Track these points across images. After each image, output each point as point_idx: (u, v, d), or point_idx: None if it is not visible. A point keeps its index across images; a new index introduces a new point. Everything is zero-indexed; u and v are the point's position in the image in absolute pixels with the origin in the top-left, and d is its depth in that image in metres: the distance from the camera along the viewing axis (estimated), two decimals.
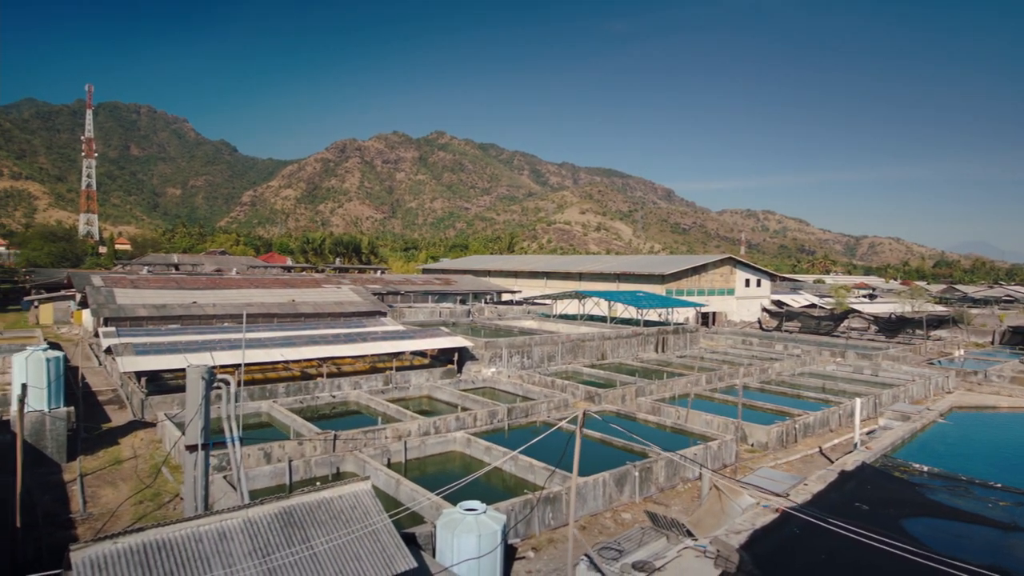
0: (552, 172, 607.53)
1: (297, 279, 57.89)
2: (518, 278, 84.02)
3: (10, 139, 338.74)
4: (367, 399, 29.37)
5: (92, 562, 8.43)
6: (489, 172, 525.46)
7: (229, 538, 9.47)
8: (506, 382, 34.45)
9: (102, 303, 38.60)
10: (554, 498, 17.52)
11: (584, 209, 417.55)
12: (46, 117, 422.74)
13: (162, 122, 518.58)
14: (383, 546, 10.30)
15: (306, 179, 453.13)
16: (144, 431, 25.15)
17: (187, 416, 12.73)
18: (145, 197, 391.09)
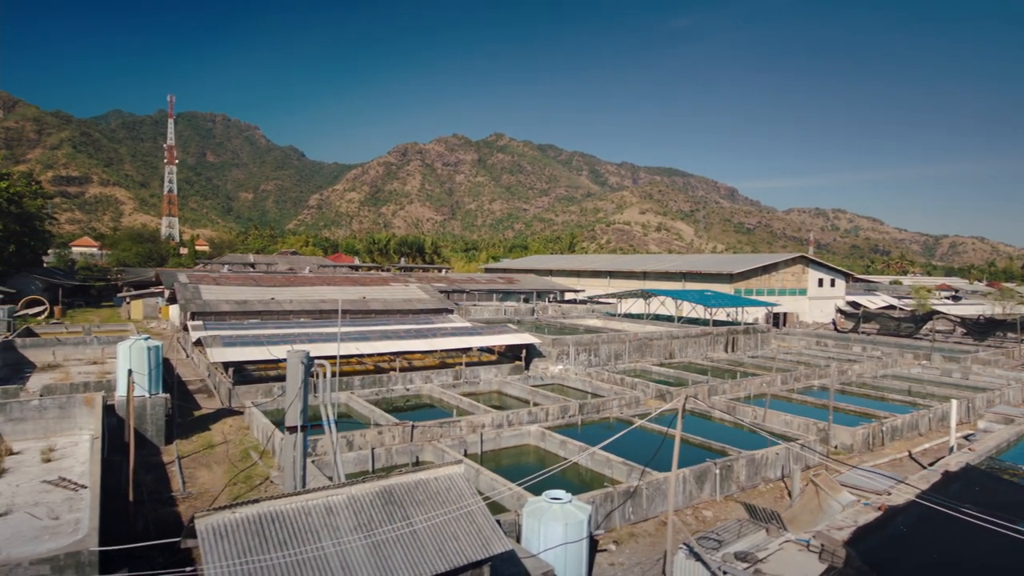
0: (611, 172, 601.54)
1: (365, 277, 59.45)
2: (580, 277, 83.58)
3: (99, 148, 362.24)
4: (439, 393, 29.89)
5: (214, 529, 8.93)
6: (547, 173, 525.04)
7: (335, 513, 9.83)
8: (575, 379, 34.34)
9: (189, 298, 40.73)
10: (634, 492, 17.34)
11: (644, 209, 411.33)
12: (131, 127, 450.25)
13: (235, 129, 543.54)
14: (479, 528, 10.45)
15: (369, 182, 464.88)
16: (232, 419, 26.38)
17: (287, 399, 13.28)
18: (220, 201, 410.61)
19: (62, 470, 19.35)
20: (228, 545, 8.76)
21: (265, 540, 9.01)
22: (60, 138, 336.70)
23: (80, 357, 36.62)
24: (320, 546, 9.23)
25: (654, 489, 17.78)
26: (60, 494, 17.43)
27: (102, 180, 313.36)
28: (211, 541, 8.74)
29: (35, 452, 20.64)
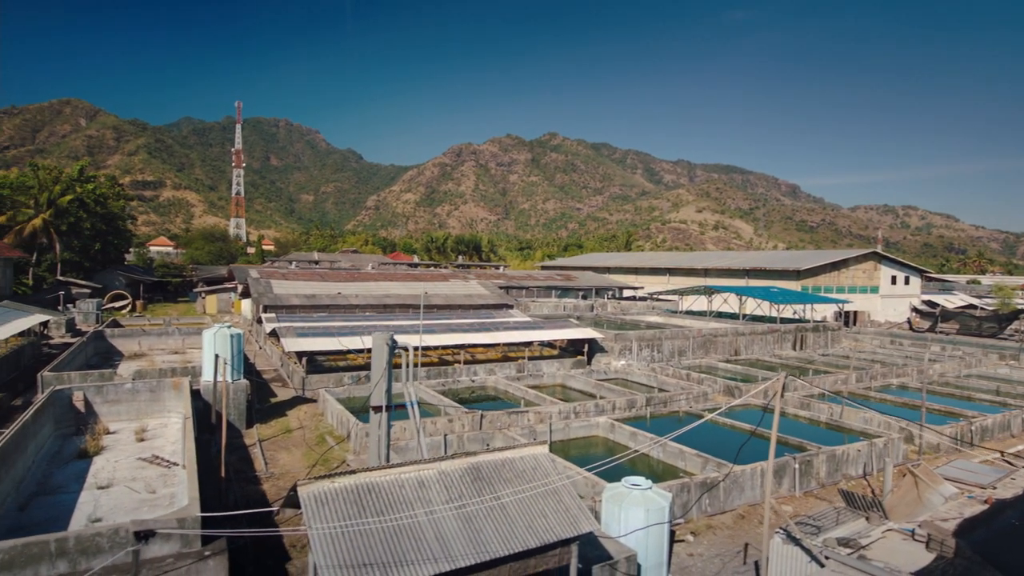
0: (667, 170, 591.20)
1: (426, 274, 60.41)
2: (639, 275, 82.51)
3: (172, 154, 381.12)
4: (504, 384, 30.06)
5: (316, 496, 9.25)
6: (601, 172, 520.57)
7: (427, 486, 10.03)
8: (639, 373, 33.93)
9: (262, 292, 42.33)
10: (711, 484, 17.00)
11: (701, 207, 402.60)
12: (201, 133, 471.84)
13: (297, 134, 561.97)
14: (566, 506, 10.46)
15: (424, 183, 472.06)
16: (306, 405, 27.29)
17: (372, 380, 13.63)
18: (283, 203, 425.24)
19: (154, 449, 20.43)
20: (329, 511, 9.06)
21: (362, 508, 9.27)
22: (137, 144, 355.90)
23: (163, 347, 38.61)
24: (414, 516, 9.43)
25: (732, 481, 17.38)
26: (154, 470, 18.40)
27: (174, 184, 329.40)
28: (314, 507, 9.05)
29: (129, 432, 21.86)
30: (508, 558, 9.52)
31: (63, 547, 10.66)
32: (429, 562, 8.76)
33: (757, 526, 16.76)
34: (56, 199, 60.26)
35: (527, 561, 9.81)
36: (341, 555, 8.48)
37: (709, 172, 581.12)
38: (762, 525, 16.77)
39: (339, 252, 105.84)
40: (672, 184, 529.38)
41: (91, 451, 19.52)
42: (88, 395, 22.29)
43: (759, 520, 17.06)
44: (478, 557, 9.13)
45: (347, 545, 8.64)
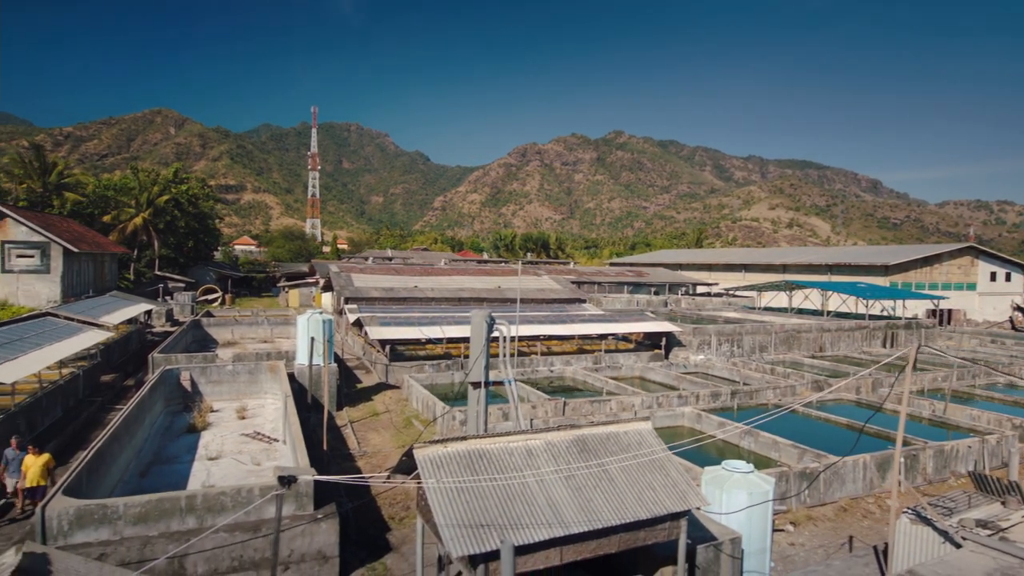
0: (737, 167, 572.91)
1: (497, 269, 60.90)
2: (712, 271, 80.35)
3: (252, 159, 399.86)
4: (583, 375, 29.95)
5: (431, 459, 9.49)
6: (668, 169, 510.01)
7: (535, 456, 10.11)
8: (720, 367, 33.05)
9: (343, 285, 43.81)
10: (811, 474, 16.36)
11: (774, 204, 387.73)
12: (278, 139, 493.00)
13: (367, 137, 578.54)
14: (674, 481, 10.31)
15: (490, 184, 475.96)
16: (391, 391, 28.04)
17: (471, 356, 13.86)
18: (354, 205, 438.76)
19: (255, 426, 21.49)
20: (444, 474, 9.27)
21: (475, 472, 9.44)
22: (220, 151, 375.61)
23: (253, 336, 40.58)
24: (525, 483, 9.52)
25: (832, 473, 16.67)
26: (257, 445, 19.35)
27: (254, 187, 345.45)
28: (430, 469, 9.29)
29: (231, 410, 23.08)
30: (618, 528, 9.48)
31: (192, 504, 11.37)
32: (543, 527, 8.83)
33: (861, 519, 16.02)
34: (154, 199, 64.56)
35: (636, 533, 9.73)
36: (459, 514, 8.67)
37: (782, 168, 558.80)
38: (866, 519, 16.09)
39: (410, 250, 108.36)
40: (743, 181, 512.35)
41: (199, 426, 20.75)
42: (194, 375, 23.69)
43: (863, 514, 16.31)
44: (590, 525, 9.13)
45: (464, 506, 8.82)
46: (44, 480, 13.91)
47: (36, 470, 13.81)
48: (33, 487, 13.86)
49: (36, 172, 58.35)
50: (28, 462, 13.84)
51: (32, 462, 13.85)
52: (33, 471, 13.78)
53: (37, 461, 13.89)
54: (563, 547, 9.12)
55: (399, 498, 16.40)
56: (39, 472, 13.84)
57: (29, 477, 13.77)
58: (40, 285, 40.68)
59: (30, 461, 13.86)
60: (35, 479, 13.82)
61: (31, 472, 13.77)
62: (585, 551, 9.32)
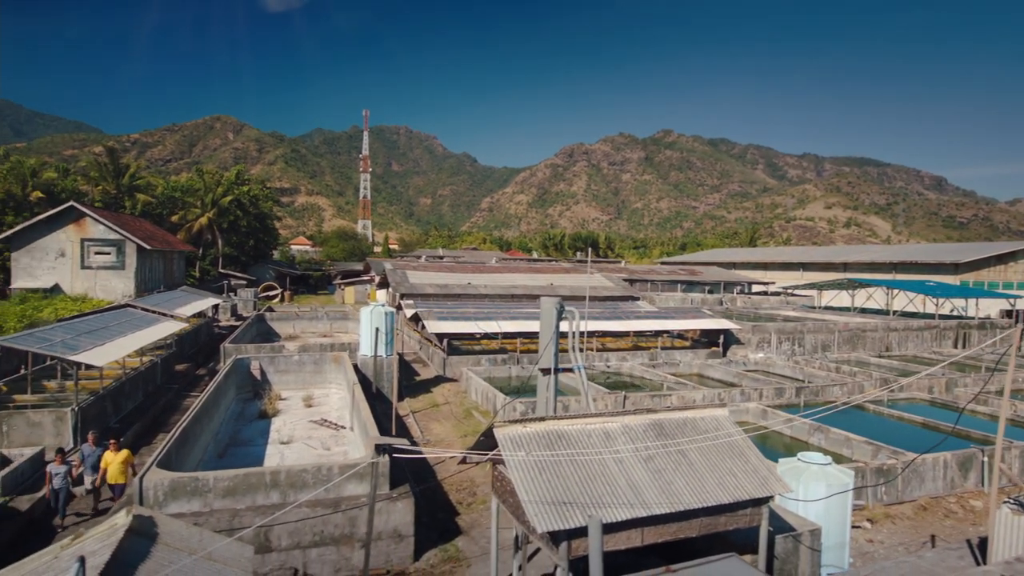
0: (791, 165, 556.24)
1: (547, 267, 60.90)
2: (768, 270, 78.28)
3: (305, 162, 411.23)
4: (641, 371, 29.66)
5: (510, 437, 9.59)
6: (719, 168, 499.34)
7: (613, 438, 10.10)
8: (782, 366, 32.21)
9: (399, 281, 44.60)
10: (888, 472, 15.80)
11: (830, 203, 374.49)
12: (330, 143, 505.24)
13: (416, 140, 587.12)
14: (755, 467, 10.13)
15: (537, 184, 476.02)
16: (449, 384, 28.41)
17: (541, 343, 13.95)
18: (403, 207, 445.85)
19: (321, 414, 22.11)
20: (523, 453, 9.36)
21: (554, 451, 9.50)
22: (275, 155, 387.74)
23: (313, 330, 41.73)
24: (605, 463, 9.53)
25: (911, 471, 16.05)
26: (325, 432, 19.90)
27: (308, 190, 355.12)
28: (509, 447, 9.40)
29: (297, 399, 23.80)
30: (700, 512, 9.38)
31: (276, 479, 11.80)
32: (625, 507, 8.82)
33: (943, 519, 15.37)
34: (218, 200, 67.25)
35: (718, 518, 9.61)
36: (541, 492, 8.74)
37: (839, 165, 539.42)
38: (948, 519, 15.45)
39: (460, 249, 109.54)
40: (797, 179, 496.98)
41: (269, 413, 21.48)
42: (263, 364, 24.53)
43: (944, 513, 15.65)
44: (671, 507, 9.06)
45: (546, 484, 8.89)
46: (124, 477, 13.57)
47: (116, 467, 13.49)
48: (112, 484, 13.64)
49: (110, 174, 61.54)
50: (108, 458, 13.55)
51: (112, 458, 13.54)
52: (113, 468, 13.48)
53: (116, 458, 13.55)
54: (644, 528, 9.08)
55: (465, 484, 16.62)
56: (119, 469, 13.52)
57: (110, 474, 13.49)
58: (116, 280, 42.84)
59: (110, 457, 13.55)
60: (115, 476, 13.50)
61: (112, 469, 13.48)
62: (666, 533, 9.26)
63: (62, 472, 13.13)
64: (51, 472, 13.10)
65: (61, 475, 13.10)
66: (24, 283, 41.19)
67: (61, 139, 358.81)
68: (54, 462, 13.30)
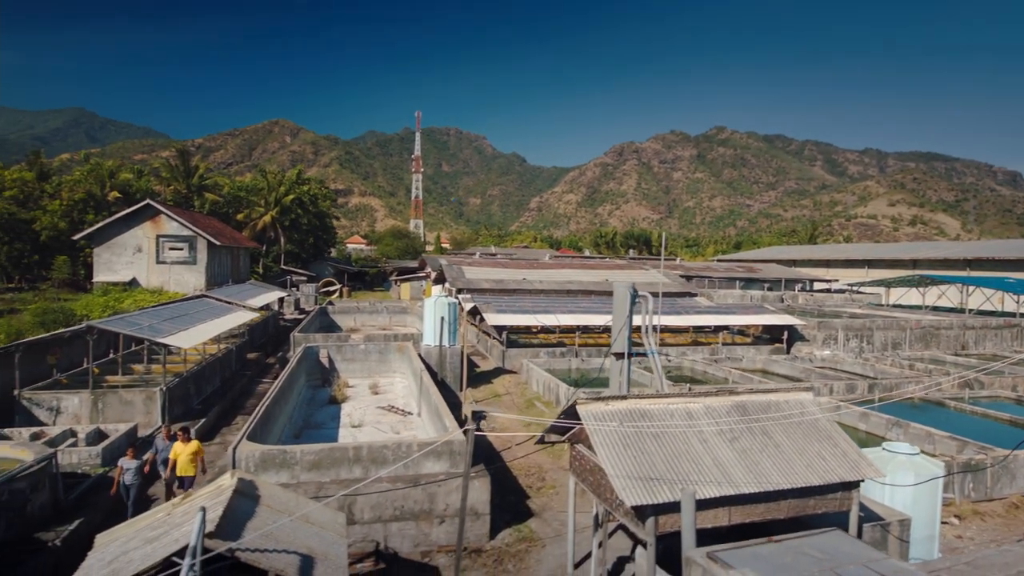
0: (851, 160, 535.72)
1: (602, 263, 60.52)
2: (830, 267, 75.62)
3: (359, 164, 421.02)
4: (703, 366, 29.19)
5: (593, 413, 9.64)
6: (775, 165, 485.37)
7: (695, 417, 10.02)
8: (851, 362, 31.11)
9: (455, 276, 45.16)
10: (977, 467, 15.10)
11: (894, 200, 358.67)
12: (383, 144, 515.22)
13: (466, 141, 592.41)
14: (844, 451, 9.88)
15: (586, 184, 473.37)
16: (508, 376, 28.61)
17: (614, 328, 13.95)
18: (453, 207, 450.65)
19: (387, 400, 22.61)
20: (607, 428, 9.39)
21: (638, 429, 9.50)
22: (330, 157, 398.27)
23: (373, 323, 42.69)
24: (689, 442, 9.47)
25: (1001, 468, 15.30)
26: (393, 417, 20.35)
27: (361, 191, 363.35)
28: (593, 423, 9.45)
29: (364, 387, 24.40)
30: (788, 493, 9.21)
31: (358, 454, 12.18)
32: (712, 484, 8.75)
33: None
34: (281, 198, 69.65)
35: (806, 500, 9.41)
36: (626, 467, 8.75)
37: (903, 161, 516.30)
38: None
39: (512, 247, 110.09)
40: (858, 176, 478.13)
41: (339, 399, 22.12)
42: (331, 353, 25.26)
43: None
44: (760, 487, 8.93)
45: (631, 460, 8.90)
46: (192, 470, 12.89)
47: (185, 458, 12.77)
48: (181, 476, 12.89)
49: (181, 175, 64.50)
50: (177, 449, 12.89)
51: (180, 450, 12.85)
52: (182, 459, 12.77)
53: (186, 449, 12.85)
54: (732, 508, 8.98)
55: (533, 470, 16.74)
56: (187, 461, 12.80)
57: (179, 466, 12.77)
58: (188, 275, 44.83)
59: (179, 449, 12.88)
60: (184, 468, 12.77)
61: (180, 460, 12.77)
62: (754, 514, 9.13)
63: (134, 467, 12.53)
64: (122, 467, 12.52)
65: (133, 470, 12.51)
66: (105, 277, 43.57)
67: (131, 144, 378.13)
68: (126, 456, 12.69)
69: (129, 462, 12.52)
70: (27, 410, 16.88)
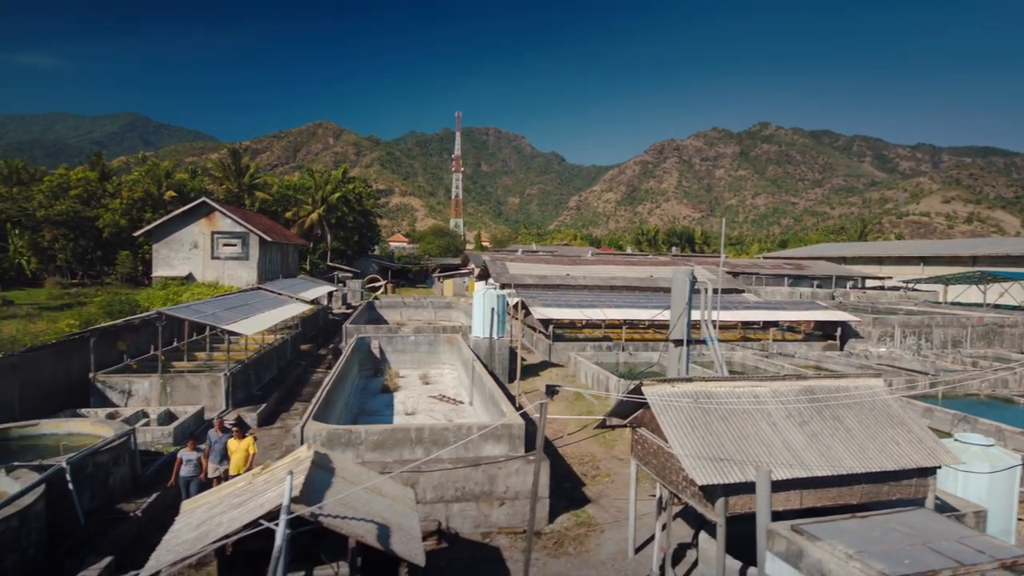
0: (903, 156, 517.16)
1: (645, 260, 59.94)
2: (883, 264, 73.21)
3: (399, 164, 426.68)
4: (754, 361, 28.72)
5: (660, 395, 9.63)
6: (821, 162, 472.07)
7: (762, 400, 9.90)
8: (909, 359, 30.13)
9: (499, 272, 45.39)
10: None
11: (948, 197, 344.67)
12: (423, 145, 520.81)
13: (504, 140, 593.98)
14: (919, 437, 9.62)
15: (625, 182, 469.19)
16: (555, 369, 28.66)
17: (672, 314, 13.86)
18: (492, 206, 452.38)
19: (438, 390, 22.89)
20: (674, 411, 9.36)
21: (704, 411, 9.44)
22: (372, 158, 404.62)
23: (419, 318, 43.25)
24: (758, 424, 9.37)
25: None
26: (445, 406, 20.61)
27: (401, 191, 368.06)
28: (659, 405, 9.43)
29: (414, 377, 24.76)
30: (861, 477, 9.02)
31: (420, 436, 12.42)
32: (784, 466, 8.64)
33: None
34: (327, 196, 71.27)
35: (880, 486, 9.20)
36: (695, 447, 8.71)
37: (959, 156, 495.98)
38: None
39: (552, 245, 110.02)
40: (910, 172, 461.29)
41: (391, 388, 22.51)
42: (382, 344, 25.72)
43: None
44: (832, 470, 8.78)
45: (699, 441, 8.85)
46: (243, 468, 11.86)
47: (240, 455, 11.98)
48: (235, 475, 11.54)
49: (233, 175, 66.58)
50: (232, 446, 12.13)
51: (236, 446, 12.09)
52: (237, 457, 11.98)
53: (240, 445, 12.07)
54: (804, 491, 8.85)
55: (586, 459, 16.77)
56: (241, 459, 12.00)
57: (233, 464, 11.98)
58: (241, 270, 46.18)
59: (234, 445, 12.11)
60: (238, 466, 11.92)
61: (235, 458, 11.98)
62: (825, 498, 8.97)
63: (194, 459, 12.07)
64: (182, 458, 12.06)
65: (193, 463, 12.05)
66: (163, 272, 45.24)
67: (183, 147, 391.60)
68: (185, 447, 12.27)
69: (189, 454, 12.05)
70: (101, 392, 17.71)
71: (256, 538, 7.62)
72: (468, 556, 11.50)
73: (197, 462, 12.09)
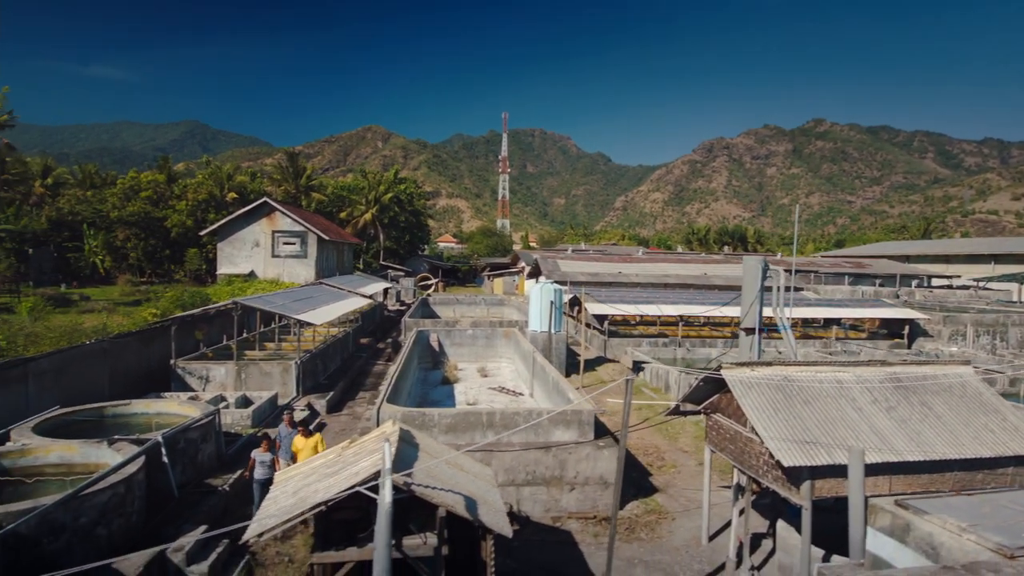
0: (968, 152, 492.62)
1: (698, 258, 59.01)
2: (950, 263, 70.06)
3: (446, 167, 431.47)
4: (816, 357, 27.93)
5: (740, 380, 9.55)
6: (879, 159, 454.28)
7: (845, 386, 9.71)
8: (984, 359, 28.78)
9: (551, 270, 45.46)
10: None
11: (1019, 194, 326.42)
12: (469, 147, 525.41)
13: (550, 141, 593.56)
14: (1015, 425, 9.26)
15: (673, 182, 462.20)
16: (611, 364, 28.56)
17: (744, 303, 13.69)
18: (537, 207, 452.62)
19: (497, 383, 23.10)
20: (755, 394, 9.28)
21: (787, 395, 9.33)
22: (419, 161, 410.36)
23: (471, 315, 43.66)
24: (843, 409, 9.20)
25: None
26: (504, 397, 20.80)
27: (448, 193, 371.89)
28: (740, 388, 9.36)
29: (472, 370, 25.06)
30: (954, 464, 8.75)
31: (491, 420, 12.62)
32: (875, 451, 8.46)
33: None
34: (380, 197, 72.80)
35: (974, 474, 8.90)
36: (778, 430, 8.62)
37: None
38: None
39: (601, 244, 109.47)
40: (976, 168, 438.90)
41: (451, 379, 22.85)
42: (440, 337, 26.13)
43: None
44: (924, 455, 8.55)
45: (783, 424, 8.76)
46: None
47: (307, 453, 11.53)
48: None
49: (291, 176, 68.74)
50: (298, 443, 11.77)
51: (303, 444, 11.70)
52: (304, 455, 11.50)
53: (308, 443, 11.69)
54: (893, 476, 8.64)
55: (651, 450, 16.69)
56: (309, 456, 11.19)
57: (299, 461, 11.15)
58: (299, 267, 47.62)
59: (300, 443, 11.74)
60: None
61: (301, 456, 11.49)
62: (916, 485, 8.73)
63: (268, 461, 11.50)
64: (255, 459, 11.55)
65: (267, 464, 11.47)
66: (226, 270, 47.03)
67: (239, 152, 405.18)
68: (259, 448, 11.65)
69: (263, 455, 11.50)
70: (181, 378, 18.60)
71: (346, 509, 7.97)
72: (539, 539, 11.63)
73: (271, 463, 11.53)
